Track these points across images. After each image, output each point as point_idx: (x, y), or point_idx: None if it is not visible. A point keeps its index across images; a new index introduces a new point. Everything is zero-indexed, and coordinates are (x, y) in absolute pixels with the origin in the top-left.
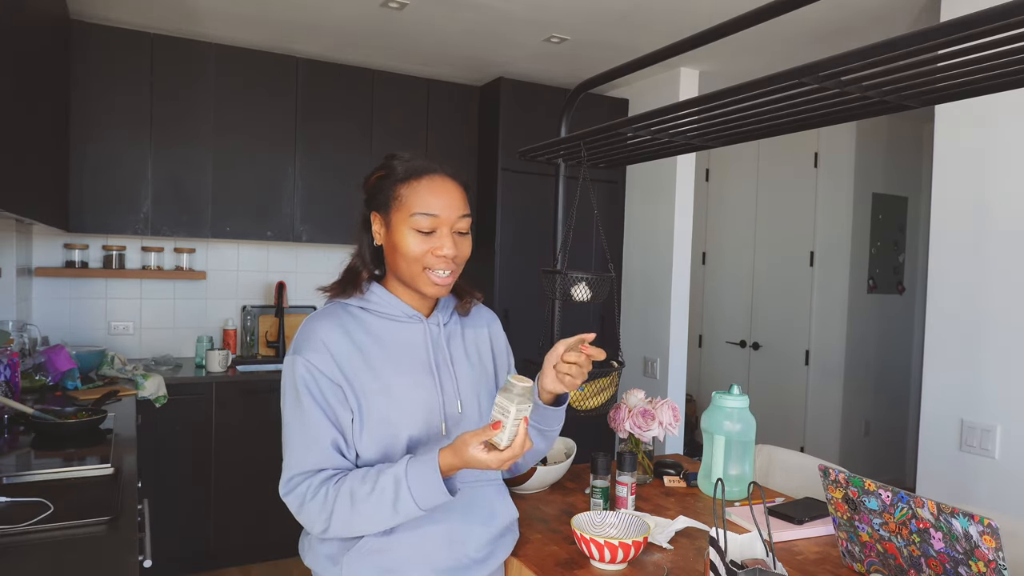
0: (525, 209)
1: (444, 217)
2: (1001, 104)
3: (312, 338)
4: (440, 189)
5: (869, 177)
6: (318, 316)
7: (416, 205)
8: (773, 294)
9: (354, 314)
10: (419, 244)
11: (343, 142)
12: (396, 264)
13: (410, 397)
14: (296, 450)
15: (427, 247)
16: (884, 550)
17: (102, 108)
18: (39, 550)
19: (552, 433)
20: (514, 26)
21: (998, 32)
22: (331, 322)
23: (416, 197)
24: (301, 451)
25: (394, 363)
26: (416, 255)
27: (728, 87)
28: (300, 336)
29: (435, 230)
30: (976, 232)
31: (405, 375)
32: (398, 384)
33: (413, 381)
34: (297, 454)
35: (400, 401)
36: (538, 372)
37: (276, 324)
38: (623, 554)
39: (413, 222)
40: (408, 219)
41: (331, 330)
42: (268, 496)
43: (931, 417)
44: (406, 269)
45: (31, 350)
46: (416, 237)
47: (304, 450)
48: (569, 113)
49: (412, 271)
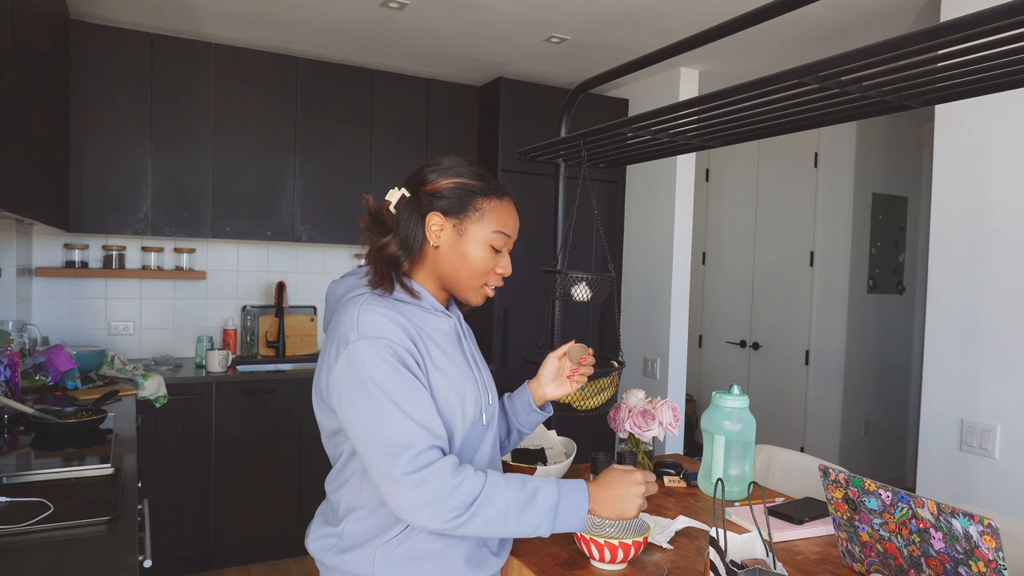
0: (525, 209)
1: (513, 239)
2: (1001, 104)
3: (384, 322)
4: (513, 212)
5: (869, 177)
6: (372, 302)
7: (499, 224)
8: (773, 294)
9: (396, 305)
10: (489, 260)
11: (343, 142)
12: (453, 268)
13: (463, 386)
14: (413, 427)
15: (493, 264)
16: (884, 550)
17: (102, 108)
18: (39, 550)
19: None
20: (514, 26)
21: (998, 32)
22: (388, 307)
23: (499, 216)
24: (419, 427)
25: (444, 353)
26: (484, 270)
27: (728, 87)
28: (366, 321)
29: (503, 249)
30: (976, 232)
31: (455, 365)
32: (453, 373)
33: (461, 371)
34: (416, 430)
35: (457, 389)
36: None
37: (276, 324)
38: (623, 554)
39: (492, 239)
40: (488, 234)
41: (395, 314)
42: (268, 496)
43: (931, 417)
44: (464, 278)
45: (31, 350)
46: (488, 252)
47: (425, 423)
48: (569, 113)
49: (471, 282)
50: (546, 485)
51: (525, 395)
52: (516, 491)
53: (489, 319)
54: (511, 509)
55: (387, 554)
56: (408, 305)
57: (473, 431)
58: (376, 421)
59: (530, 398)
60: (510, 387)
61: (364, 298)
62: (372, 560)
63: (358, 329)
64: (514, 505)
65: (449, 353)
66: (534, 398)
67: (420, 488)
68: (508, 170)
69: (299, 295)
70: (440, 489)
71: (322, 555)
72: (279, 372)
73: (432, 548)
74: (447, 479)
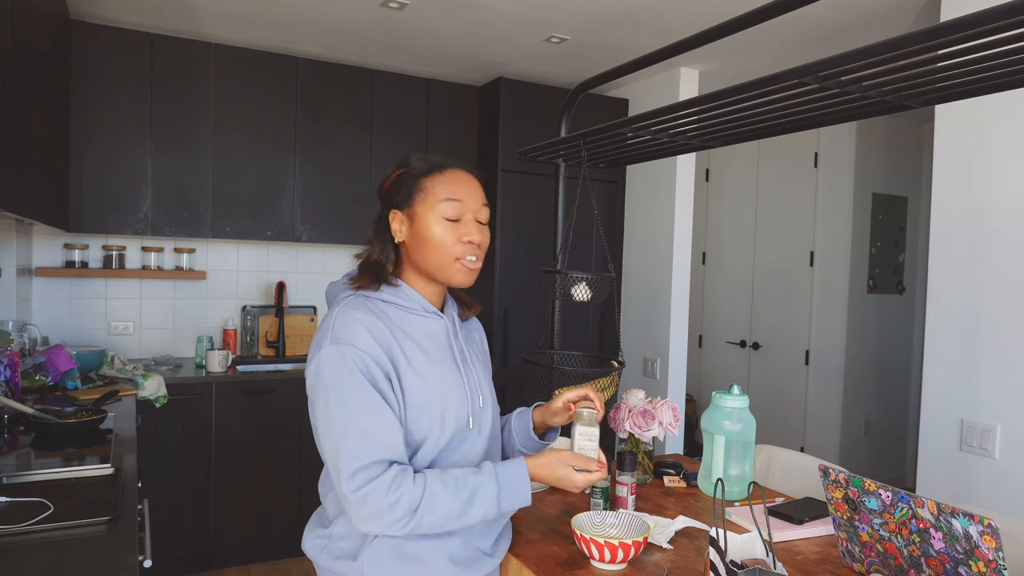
0: (525, 209)
1: (469, 204)
2: (1001, 104)
3: (356, 327)
4: (463, 179)
5: (869, 177)
6: (352, 306)
7: (443, 193)
8: (773, 294)
9: (381, 307)
10: (448, 232)
11: (343, 142)
12: (423, 256)
13: (446, 390)
14: (360, 441)
15: (455, 235)
16: (884, 550)
17: (102, 108)
18: (39, 550)
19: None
20: (514, 26)
21: (998, 32)
22: (367, 311)
23: (441, 186)
24: (366, 441)
25: (426, 356)
26: (447, 243)
27: (728, 87)
28: (340, 325)
29: (461, 217)
30: (976, 232)
31: (437, 369)
32: (434, 377)
33: (445, 375)
34: (362, 445)
35: (438, 394)
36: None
37: (276, 324)
38: (623, 554)
39: (441, 209)
40: (435, 207)
41: (371, 319)
42: (268, 496)
43: (931, 417)
44: (436, 260)
45: (31, 350)
46: (444, 225)
47: (370, 440)
48: (569, 113)
49: (443, 261)
50: (485, 482)
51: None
52: (454, 495)
53: (489, 319)
54: (452, 514)
55: (374, 554)
56: (394, 307)
57: (459, 436)
58: (329, 429)
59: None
60: (510, 387)
61: (347, 301)
62: (360, 562)
63: (331, 334)
64: (455, 510)
65: (433, 356)
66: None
67: (361, 505)
68: (508, 170)
69: (299, 295)
70: (378, 507)
71: (315, 556)
72: (279, 372)
73: (418, 549)
74: (383, 497)
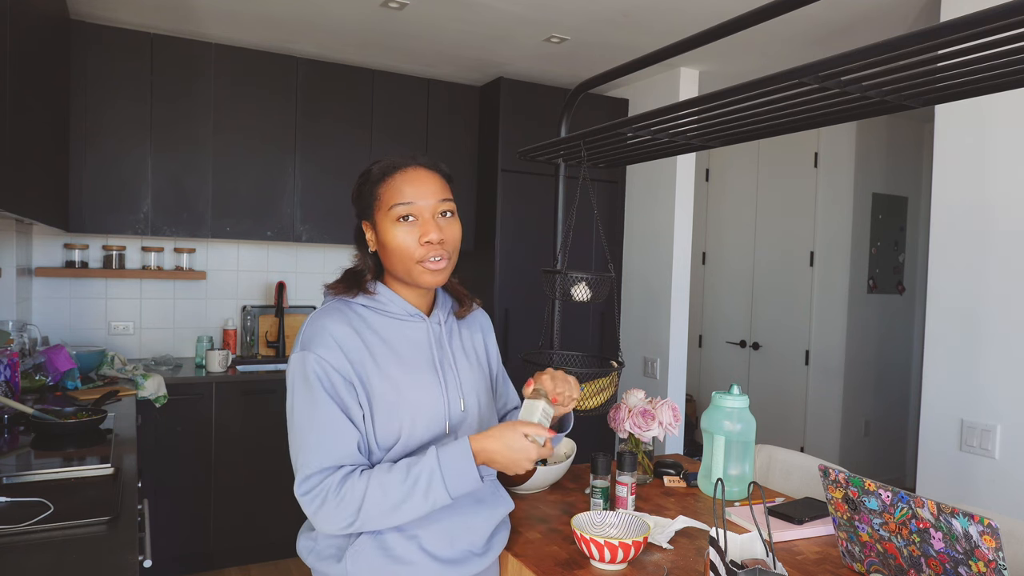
0: (525, 209)
1: (421, 204)
2: (1001, 104)
3: (322, 334)
4: (414, 178)
5: (869, 177)
6: (325, 312)
7: (393, 198)
8: (773, 294)
9: (359, 312)
10: (404, 235)
11: (343, 142)
12: (392, 263)
13: (418, 395)
14: (312, 448)
15: (413, 237)
16: (884, 550)
17: (102, 108)
18: (39, 550)
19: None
20: (514, 26)
21: (998, 32)
22: (339, 318)
23: (391, 191)
24: (317, 449)
25: (400, 361)
26: (405, 247)
27: (728, 87)
28: (308, 332)
29: (417, 218)
30: (976, 232)
31: (411, 373)
32: (406, 382)
33: (419, 379)
34: (313, 452)
35: (408, 399)
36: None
37: (276, 324)
38: (623, 554)
39: (393, 214)
40: (388, 213)
41: (340, 326)
42: (268, 496)
43: (931, 417)
44: (401, 265)
45: (31, 350)
46: (399, 229)
47: (320, 447)
48: (569, 113)
49: (407, 266)
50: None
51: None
52: (399, 484)
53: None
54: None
55: (357, 555)
56: (371, 311)
57: (435, 441)
58: (291, 433)
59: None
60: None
61: (323, 307)
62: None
63: (300, 339)
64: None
65: (408, 361)
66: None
67: (310, 507)
68: (508, 170)
69: (299, 295)
70: (327, 509)
71: (305, 557)
72: (279, 372)
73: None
74: (331, 500)
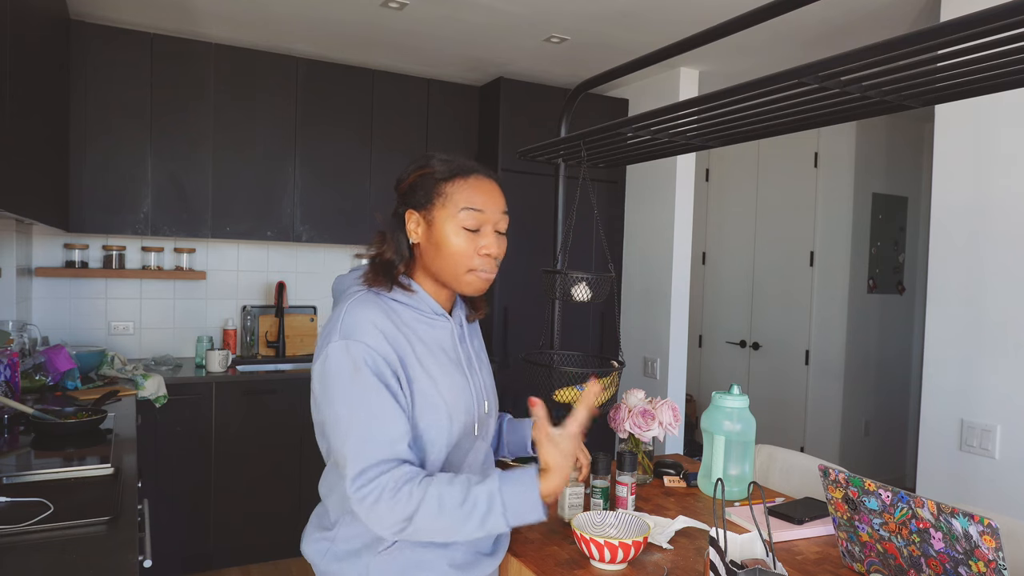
0: (525, 209)
1: (490, 214)
2: (1001, 104)
3: (364, 323)
4: (485, 187)
5: (869, 177)
6: (362, 302)
7: (463, 201)
8: (773, 294)
9: (392, 307)
10: (465, 242)
11: (343, 142)
12: (437, 262)
13: (454, 394)
14: (368, 439)
15: (473, 246)
16: (884, 550)
17: (102, 108)
18: (39, 550)
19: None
20: (514, 26)
21: (998, 32)
22: (377, 309)
23: (462, 194)
24: (375, 439)
25: (435, 359)
26: (463, 253)
27: (728, 87)
28: (348, 321)
29: (480, 228)
30: (976, 232)
31: (447, 372)
32: (443, 381)
33: (454, 379)
34: (370, 442)
35: (446, 397)
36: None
37: (276, 324)
38: (623, 554)
39: (460, 219)
40: (455, 216)
41: (382, 318)
42: (268, 496)
43: (931, 417)
44: (449, 267)
45: (31, 350)
46: (462, 235)
47: (378, 438)
48: (569, 113)
49: (456, 270)
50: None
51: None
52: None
53: (489, 319)
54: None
55: (381, 565)
56: (404, 307)
57: (464, 441)
58: (335, 427)
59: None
60: (510, 388)
61: (358, 297)
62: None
63: (340, 329)
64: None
65: (441, 361)
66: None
67: (365, 503)
68: (508, 170)
69: (299, 295)
70: (381, 510)
71: (317, 560)
72: (279, 372)
73: (424, 558)
74: (384, 499)
